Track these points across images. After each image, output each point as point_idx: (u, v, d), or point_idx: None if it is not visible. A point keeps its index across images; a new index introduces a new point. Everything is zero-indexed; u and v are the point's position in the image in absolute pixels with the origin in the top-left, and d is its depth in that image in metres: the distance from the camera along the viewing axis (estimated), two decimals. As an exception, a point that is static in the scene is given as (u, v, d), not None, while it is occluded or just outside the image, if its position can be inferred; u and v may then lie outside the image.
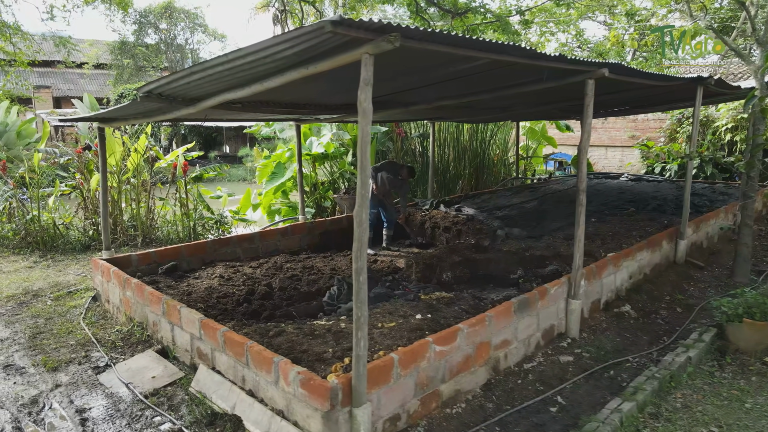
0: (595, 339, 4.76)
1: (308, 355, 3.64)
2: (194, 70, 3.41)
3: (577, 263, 4.65)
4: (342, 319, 4.34)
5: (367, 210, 2.86)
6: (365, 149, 2.79)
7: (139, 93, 3.96)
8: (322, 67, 2.98)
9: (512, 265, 6.21)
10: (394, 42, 2.61)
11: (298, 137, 7.45)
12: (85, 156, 8.10)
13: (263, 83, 3.39)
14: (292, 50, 2.90)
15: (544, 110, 8.38)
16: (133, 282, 4.89)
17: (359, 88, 2.75)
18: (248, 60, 3.09)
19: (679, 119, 13.13)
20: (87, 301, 5.65)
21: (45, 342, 4.72)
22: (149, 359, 4.30)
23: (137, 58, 35.98)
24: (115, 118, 5.50)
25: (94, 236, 7.94)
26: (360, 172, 2.82)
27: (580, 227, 4.61)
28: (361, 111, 2.76)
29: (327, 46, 2.85)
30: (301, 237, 7.57)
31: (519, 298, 4.27)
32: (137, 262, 5.90)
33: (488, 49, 3.29)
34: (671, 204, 8.88)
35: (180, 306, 4.22)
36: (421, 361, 3.44)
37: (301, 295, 5.49)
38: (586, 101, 4.40)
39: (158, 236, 8.32)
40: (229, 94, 3.75)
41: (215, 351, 3.82)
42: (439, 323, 4.28)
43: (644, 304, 5.58)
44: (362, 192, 2.82)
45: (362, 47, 2.70)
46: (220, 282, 5.77)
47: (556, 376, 4.12)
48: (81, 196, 8.05)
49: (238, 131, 31.79)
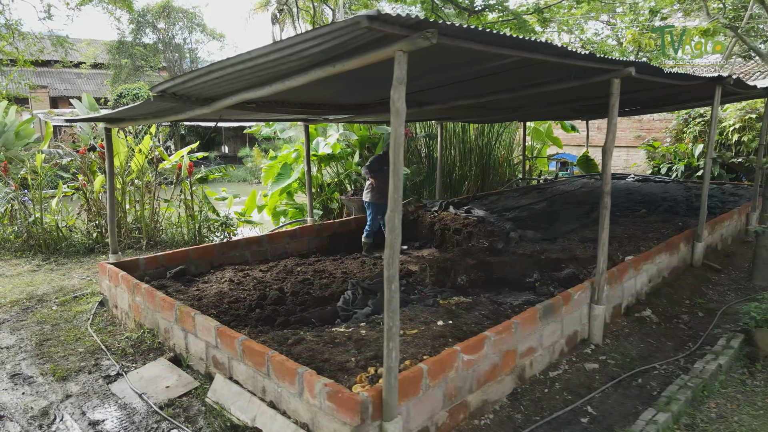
0: (618, 345, 4.64)
1: (330, 365, 3.51)
2: (213, 69, 3.28)
3: (601, 267, 4.53)
4: (362, 326, 4.21)
5: (400, 215, 2.73)
6: (398, 151, 2.66)
7: (152, 92, 3.82)
8: (350, 65, 2.85)
9: (527, 269, 6.09)
10: (431, 38, 2.48)
11: (306, 138, 7.31)
12: (88, 157, 7.94)
13: (285, 82, 3.26)
14: (320, 47, 2.78)
15: (556, 110, 8.27)
16: (144, 287, 4.74)
17: (392, 88, 2.63)
18: (273, 58, 2.96)
19: (686, 119, 13.04)
20: (94, 307, 5.51)
21: (52, 349, 4.58)
22: (162, 368, 4.16)
23: (135, 57, 35.74)
24: (122, 119, 5.35)
25: (97, 239, 7.78)
26: (393, 176, 2.68)
27: (604, 230, 4.49)
28: (395, 111, 2.63)
29: (357, 42, 2.73)
30: (310, 239, 7.43)
31: (544, 303, 4.15)
32: (145, 266, 5.76)
33: (521, 46, 3.17)
34: (683, 205, 8.78)
35: (194, 313, 4.08)
36: (450, 371, 3.31)
37: (314, 299, 5.35)
38: (612, 101, 4.28)
39: (163, 239, 8.17)
40: (247, 93, 3.61)
41: (233, 360, 3.68)
42: (462, 330, 4.17)
43: (665, 309, 5.47)
44: (395, 197, 2.69)
45: (396, 44, 2.57)
46: (230, 286, 5.63)
47: (583, 384, 3.99)
48: (84, 198, 7.89)
49: (237, 131, 31.66)
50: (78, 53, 29.93)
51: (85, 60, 33.18)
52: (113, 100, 25.99)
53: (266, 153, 27.67)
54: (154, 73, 37.33)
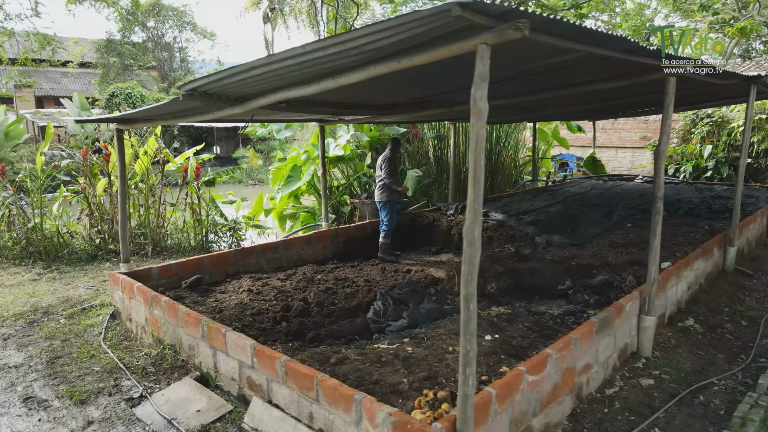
0: (669, 358, 4.41)
1: (381, 387, 3.22)
2: (256, 65, 2.98)
3: (653, 276, 4.29)
4: (406, 341, 3.93)
5: (479, 228, 2.45)
6: (479, 156, 2.39)
7: (182, 91, 3.50)
8: (418, 61, 2.57)
9: (558, 275, 5.85)
10: (523, 29, 2.21)
11: (321, 139, 7.01)
12: (89, 159, 7.55)
13: (337, 79, 2.97)
14: (390, 40, 2.50)
15: (577, 111, 8.05)
16: (163, 300, 4.42)
17: (473, 85, 2.36)
18: (330, 52, 2.67)
19: (693, 120, 12.92)
20: (105, 320, 5.17)
21: (66, 368, 4.24)
22: (189, 389, 3.85)
23: (124, 56, 35.09)
24: (137, 120, 5.02)
25: (101, 245, 7.41)
26: (473, 185, 2.41)
27: (656, 237, 4.24)
28: (476, 111, 2.36)
29: (433, 35, 2.45)
30: (325, 245, 7.13)
31: (599, 316, 3.89)
32: (158, 275, 5.43)
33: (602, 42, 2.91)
34: (702, 207, 8.60)
35: (225, 330, 3.77)
36: (516, 394, 3.04)
37: (341, 311, 5.05)
38: (667, 100, 4.06)
39: (169, 244, 7.82)
40: (289, 91, 3.31)
41: (272, 382, 3.38)
42: (511, 345, 3.91)
43: (706, 317, 5.25)
44: (475, 206, 2.42)
45: (478, 36, 2.30)
46: (250, 297, 5.32)
47: (642, 402, 3.75)
48: (86, 202, 7.51)
49: (230, 132, 31.19)
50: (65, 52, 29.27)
51: (72, 59, 32.51)
52: (104, 99, 25.37)
53: (261, 154, 27.29)
54: (144, 72, 36.71)
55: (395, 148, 7.08)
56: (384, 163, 6.95)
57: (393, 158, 7.02)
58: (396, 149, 7.09)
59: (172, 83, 36.44)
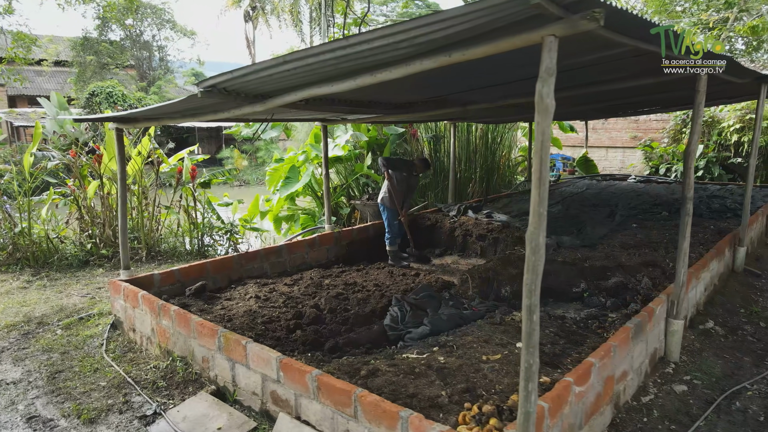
0: (697, 362, 4.31)
1: (419, 401, 3.05)
2: (289, 59, 2.78)
3: (682, 279, 4.19)
4: (435, 350, 3.75)
5: (544, 234, 2.29)
6: (546, 157, 2.23)
7: (200, 87, 3.27)
8: (472, 54, 2.40)
9: (572, 278, 5.73)
10: (599, 20, 2.05)
11: (324, 139, 6.80)
12: (78, 160, 7.21)
13: (375, 74, 2.78)
14: (445, 32, 2.32)
15: (581, 110, 7.97)
16: (173, 309, 4.18)
17: (539, 80, 2.20)
18: (375, 45, 2.48)
19: (684, 119, 13.01)
20: (105, 330, 4.89)
21: (69, 384, 3.97)
22: (206, 404, 3.62)
23: (101, 54, 34.20)
24: (136, 119, 4.75)
25: (92, 250, 7.08)
26: (538, 186, 2.25)
27: (685, 239, 4.14)
28: (543, 108, 2.20)
29: (494, 26, 2.28)
30: (329, 248, 6.92)
31: (634, 321, 3.77)
32: (160, 282, 5.17)
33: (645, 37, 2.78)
34: (702, 207, 8.60)
35: (245, 341, 3.55)
36: (565, 406, 2.89)
37: (356, 317, 4.86)
38: (698, 98, 3.94)
39: (163, 249, 7.52)
40: (319, 88, 3.11)
41: (302, 397, 3.18)
42: (544, 352, 3.76)
43: (724, 319, 5.19)
44: (539, 210, 2.26)
45: (546, 27, 2.13)
46: (258, 304, 5.10)
47: (679, 410, 3.63)
48: (76, 205, 7.18)
49: (212, 132, 30.69)
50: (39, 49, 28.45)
51: (47, 57, 31.58)
52: (84, 99, 24.66)
53: (246, 154, 26.88)
54: (122, 71, 35.84)
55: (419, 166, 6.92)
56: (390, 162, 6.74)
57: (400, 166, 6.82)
58: (419, 168, 6.92)
59: (152, 82, 35.71)
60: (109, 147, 7.05)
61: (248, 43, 39.89)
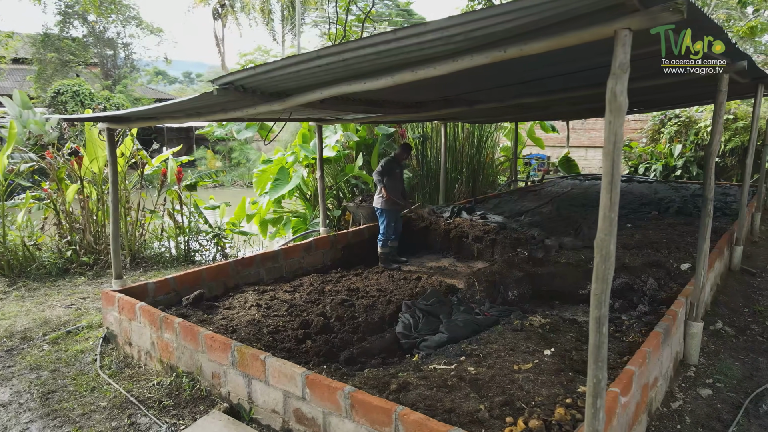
0: (715, 365, 4.28)
1: (457, 416, 2.89)
2: (323, 54, 2.58)
3: (701, 281, 4.14)
4: (462, 360, 3.59)
5: (614, 240, 2.16)
6: (618, 158, 2.10)
7: (216, 84, 3.04)
8: (530, 50, 2.25)
9: (578, 280, 5.67)
10: (682, 11, 1.92)
11: (319, 140, 6.57)
12: (56, 162, 6.80)
13: (416, 71, 2.60)
14: (505, 25, 2.16)
15: (578, 110, 7.95)
16: (177, 322, 3.91)
17: (611, 77, 2.07)
18: (426, 39, 2.31)
19: (662, 120, 13.22)
20: (97, 345, 4.57)
21: (65, 405, 3.66)
22: (221, 424, 3.38)
23: (62, 52, 32.91)
24: (128, 119, 4.45)
25: (72, 258, 6.67)
26: (609, 190, 2.11)
27: (705, 241, 4.10)
28: (616, 107, 2.07)
29: (560, 18, 2.13)
30: (325, 252, 6.70)
31: (662, 326, 3.69)
32: (154, 292, 4.88)
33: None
34: (689, 206, 8.70)
35: (264, 355, 3.33)
36: (614, 418, 2.77)
37: (367, 325, 4.66)
38: (720, 98, 3.91)
39: (148, 255, 7.16)
40: (349, 85, 2.92)
41: (331, 416, 2.98)
42: (572, 359, 3.67)
43: (731, 319, 5.20)
44: (610, 216, 2.12)
45: (621, 20, 2.00)
46: (261, 312, 4.86)
47: (710, 415, 3.57)
48: (54, 210, 6.76)
49: (182, 132, 29.86)
50: (-3, 46, 27.20)
51: (5, 54, 30.23)
52: (49, 97, 23.63)
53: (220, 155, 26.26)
54: (85, 69, 34.59)
55: (400, 154, 6.69)
56: (380, 174, 6.52)
57: (392, 166, 6.61)
58: (403, 156, 6.70)
59: (117, 80, 34.58)
60: (89, 148, 6.66)
61: (217, 41, 39.09)
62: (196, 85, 62.97)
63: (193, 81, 68.63)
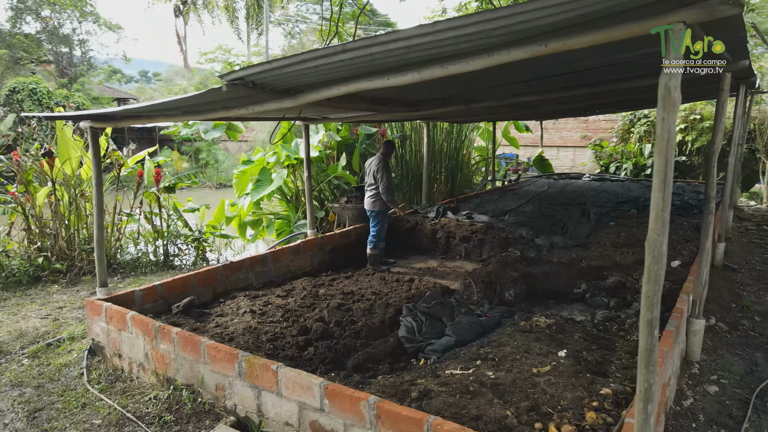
0: (717, 361, 4.33)
1: (485, 423, 2.80)
2: (349, 47, 2.45)
3: (704, 278, 4.18)
4: (479, 364, 3.51)
5: (666, 240, 2.10)
6: (671, 156, 2.04)
7: (225, 80, 2.86)
8: (573, 44, 2.18)
9: (572, 279, 5.68)
10: (743, 3, 1.88)
11: (306, 139, 6.39)
12: (23, 164, 6.40)
13: (447, 66, 2.50)
14: (551, 18, 2.09)
15: (563, 108, 7.99)
16: (175, 332, 3.70)
17: (664, 74, 2.00)
18: (463, 33, 2.20)
19: (631, 120, 13.52)
20: (83, 357, 4.30)
21: (56, 424, 3.41)
22: (230, 440, 3.19)
23: (14, 48, 31.45)
24: (113, 117, 4.19)
25: (44, 265, 6.29)
26: (662, 189, 2.05)
27: (708, 238, 4.13)
28: (670, 103, 2.02)
29: (610, 11, 2.06)
30: (313, 255, 6.53)
31: (673, 324, 3.69)
32: (141, 300, 4.63)
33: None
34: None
35: (276, 365, 3.16)
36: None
37: (369, 330, 4.53)
38: (723, 97, 3.94)
39: (125, 260, 6.83)
40: (369, 81, 2.78)
41: (353, 427, 2.84)
42: (586, 360, 3.64)
43: (722, 315, 5.29)
44: (662, 215, 2.06)
45: (675, 13, 1.94)
46: (255, 319, 4.67)
47: (721, 412, 3.59)
48: (23, 215, 6.36)
49: (144, 132, 28.95)
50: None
51: (-49, 50, 28.71)
52: (3, 96, 22.50)
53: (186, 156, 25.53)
54: (38, 67, 33.14)
55: (388, 152, 6.57)
56: (379, 173, 6.41)
57: (387, 165, 6.51)
58: (389, 154, 6.59)
59: (74, 79, 33.30)
60: (61, 149, 6.30)
61: (179, 39, 38.12)
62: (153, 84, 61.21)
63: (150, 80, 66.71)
